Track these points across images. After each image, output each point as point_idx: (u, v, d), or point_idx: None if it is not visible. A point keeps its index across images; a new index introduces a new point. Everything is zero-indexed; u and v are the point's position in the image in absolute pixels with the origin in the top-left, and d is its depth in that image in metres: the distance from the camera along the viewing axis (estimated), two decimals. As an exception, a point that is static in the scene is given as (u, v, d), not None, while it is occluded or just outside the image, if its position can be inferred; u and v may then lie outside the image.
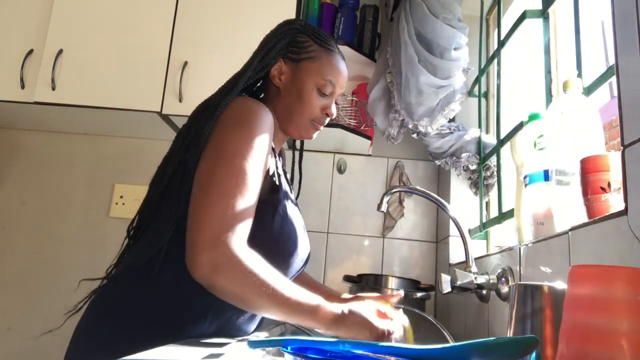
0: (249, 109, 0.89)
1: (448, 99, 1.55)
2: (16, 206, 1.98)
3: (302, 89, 0.98)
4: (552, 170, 0.93)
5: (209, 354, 0.64)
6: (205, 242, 0.76)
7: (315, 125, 1.02)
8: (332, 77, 1.00)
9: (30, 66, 1.69)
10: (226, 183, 0.80)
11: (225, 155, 0.83)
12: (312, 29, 1.03)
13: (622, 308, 0.44)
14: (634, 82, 0.64)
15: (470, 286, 1.11)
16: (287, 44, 1.00)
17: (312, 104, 0.99)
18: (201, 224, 0.77)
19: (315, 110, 1.00)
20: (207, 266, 0.75)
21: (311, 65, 0.99)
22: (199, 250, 0.76)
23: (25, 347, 1.82)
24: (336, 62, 1.02)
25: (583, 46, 1.05)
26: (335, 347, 0.51)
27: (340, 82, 1.02)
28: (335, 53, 1.03)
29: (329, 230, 1.95)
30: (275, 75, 1.00)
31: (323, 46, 1.01)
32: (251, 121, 0.87)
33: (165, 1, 1.74)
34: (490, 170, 1.57)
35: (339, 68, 1.02)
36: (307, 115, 1.00)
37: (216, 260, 0.75)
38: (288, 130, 1.02)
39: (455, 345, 0.48)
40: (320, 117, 1.02)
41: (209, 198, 0.79)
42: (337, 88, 1.02)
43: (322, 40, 1.02)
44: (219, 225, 0.77)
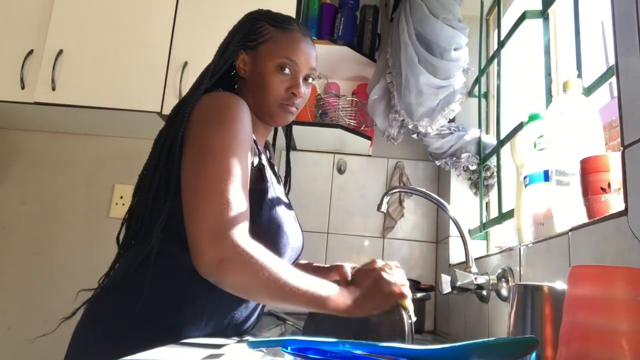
0: (224, 103, 0.88)
1: (448, 99, 1.55)
2: (16, 206, 1.98)
3: (262, 72, 0.97)
4: (552, 171, 0.93)
5: (208, 355, 0.64)
6: (208, 238, 0.76)
7: (285, 108, 0.98)
8: (290, 54, 0.97)
9: (30, 66, 1.69)
10: (216, 179, 0.80)
11: (209, 152, 0.83)
12: (269, 14, 1.02)
13: (622, 308, 0.44)
14: (634, 83, 0.64)
15: (470, 286, 1.11)
16: (245, 33, 0.99)
17: (275, 86, 0.96)
18: (200, 222, 0.77)
19: (280, 91, 0.97)
20: (213, 261, 0.75)
21: (267, 47, 0.97)
22: (203, 247, 0.76)
23: (24, 348, 1.82)
24: (294, 39, 0.98)
25: (583, 46, 1.05)
26: (335, 347, 0.51)
27: (301, 58, 0.98)
28: (293, 30, 1.00)
29: (329, 231, 1.95)
30: (241, 67, 0.99)
31: (279, 27, 0.99)
32: (229, 115, 0.87)
33: (166, 1, 1.74)
34: (490, 170, 1.57)
35: (298, 44, 0.98)
36: (273, 99, 0.97)
37: (222, 255, 0.75)
38: (262, 118, 1.01)
39: (455, 345, 0.47)
40: (288, 98, 0.98)
41: (203, 196, 0.79)
42: (300, 65, 0.98)
43: (277, 21, 1.00)
44: (218, 221, 0.77)
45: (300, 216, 1.92)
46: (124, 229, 0.96)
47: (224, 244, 0.75)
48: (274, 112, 0.99)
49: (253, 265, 0.76)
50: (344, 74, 2.04)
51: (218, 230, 0.76)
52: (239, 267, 0.75)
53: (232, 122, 0.86)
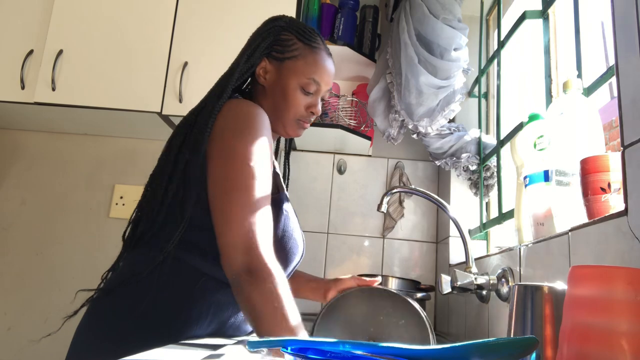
0: (248, 111, 0.89)
1: (448, 99, 1.55)
2: (16, 206, 1.98)
3: (286, 88, 0.98)
4: (552, 171, 0.93)
5: (208, 355, 0.64)
6: (239, 244, 0.78)
7: (301, 124, 1.02)
8: (316, 76, 0.99)
9: (31, 67, 1.69)
10: (243, 185, 0.82)
11: (237, 158, 0.84)
12: (296, 26, 1.02)
13: (622, 309, 0.44)
14: (634, 83, 0.64)
15: (470, 287, 1.11)
16: (271, 42, 1.00)
17: (296, 103, 0.99)
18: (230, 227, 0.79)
19: (300, 109, 1.00)
20: (242, 268, 0.77)
21: (295, 64, 0.99)
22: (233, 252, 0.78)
23: (25, 348, 1.82)
24: (320, 60, 1.01)
25: (583, 47, 1.05)
26: (336, 347, 0.51)
27: (325, 79, 1.01)
28: (320, 50, 1.02)
29: (329, 231, 1.95)
30: (261, 75, 1.00)
31: (307, 44, 1.00)
32: (254, 123, 0.88)
33: (166, 2, 1.74)
34: (490, 170, 1.57)
35: (324, 65, 1.01)
36: (292, 114, 1.00)
37: (251, 268, 0.77)
38: (275, 128, 1.02)
39: (455, 345, 0.47)
40: (306, 116, 1.01)
41: (231, 201, 0.81)
42: (323, 85, 1.01)
43: (306, 37, 1.01)
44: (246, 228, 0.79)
45: (301, 216, 1.93)
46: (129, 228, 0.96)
47: (254, 255, 0.78)
48: (289, 126, 1.01)
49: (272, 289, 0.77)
50: (344, 74, 2.04)
51: (248, 240, 0.78)
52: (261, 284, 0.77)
53: (256, 130, 0.87)
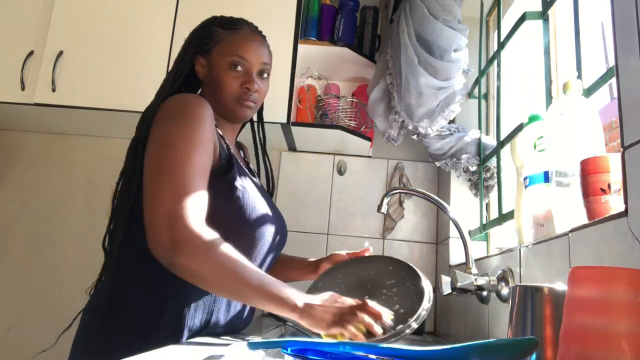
0: (181, 101, 0.92)
1: (448, 100, 1.55)
2: (16, 207, 1.98)
3: (217, 73, 1.01)
4: (552, 172, 0.93)
5: (209, 356, 0.64)
6: (163, 221, 0.78)
7: (242, 103, 1.02)
8: (239, 52, 1.01)
9: (31, 67, 1.69)
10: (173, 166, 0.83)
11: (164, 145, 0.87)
12: (219, 19, 1.07)
13: (622, 309, 0.44)
14: (634, 84, 0.64)
15: (471, 287, 1.11)
16: (199, 39, 1.04)
17: (228, 83, 1.00)
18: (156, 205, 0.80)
19: (234, 88, 1.01)
20: (166, 243, 0.77)
21: (219, 48, 1.02)
22: (158, 229, 0.79)
23: (25, 349, 1.82)
24: (242, 36, 1.03)
25: (583, 47, 1.05)
26: (336, 348, 0.51)
27: (251, 52, 1.02)
28: (241, 29, 1.04)
29: (329, 232, 1.95)
30: (199, 71, 1.04)
31: (227, 28, 1.04)
32: (185, 110, 0.90)
33: (166, 3, 1.74)
34: (490, 171, 1.57)
35: (246, 41, 1.03)
36: (228, 95, 1.01)
37: (174, 237, 0.77)
38: (224, 116, 1.04)
39: (455, 346, 0.47)
40: (243, 93, 1.01)
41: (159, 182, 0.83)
42: (251, 59, 1.02)
43: (226, 23, 1.05)
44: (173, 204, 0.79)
45: (301, 217, 1.93)
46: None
47: (178, 227, 0.78)
48: (232, 108, 1.02)
49: (205, 250, 0.77)
50: (344, 75, 2.04)
51: (173, 214, 0.79)
52: (191, 251, 0.77)
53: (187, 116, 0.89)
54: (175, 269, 0.79)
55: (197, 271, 0.78)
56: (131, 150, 0.96)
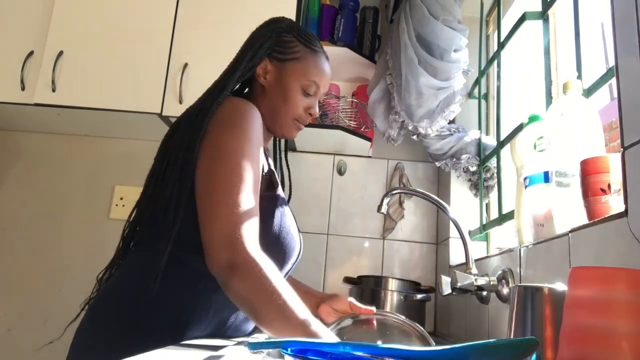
0: (240, 109, 0.90)
1: (448, 100, 1.55)
2: (16, 207, 1.98)
3: (287, 89, 1.00)
4: (552, 172, 0.93)
5: (209, 356, 0.64)
6: (222, 242, 0.78)
7: (298, 125, 1.04)
8: (316, 78, 1.02)
9: (31, 68, 1.69)
10: (230, 183, 0.82)
11: (223, 155, 0.84)
12: (297, 29, 1.05)
13: (622, 310, 0.44)
14: (633, 84, 0.64)
15: (471, 288, 1.11)
16: (273, 43, 1.01)
17: (296, 104, 1.01)
18: (215, 225, 0.79)
19: (299, 110, 1.02)
20: (224, 264, 0.77)
21: (296, 66, 1.01)
22: (217, 249, 0.78)
23: (25, 349, 1.82)
24: (321, 63, 1.04)
25: (583, 48, 1.05)
26: (336, 348, 0.51)
27: (323, 82, 1.04)
28: (320, 54, 1.05)
29: (329, 232, 1.95)
30: (261, 74, 1.01)
31: (308, 47, 1.03)
32: (244, 120, 0.88)
33: (166, 3, 1.74)
34: (490, 171, 1.57)
35: (323, 69, 1.04)
36: (291, 115, 1.01)
37: (234, 260, 0.77)
38: (272, 128, 1.04)
39: (455, 346, 0.47)
40: (304, 117, 1.03)
41: (217, 199, 0.81)
42: (322, 88, 1.04)
43: (307, 40, 1.04)
44: (231, 225, 0.78)
45: (301, 217, 1.93)
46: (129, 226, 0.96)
47: (236, 250, 0.77)
48: (286, 127, 1.02)
49: (260, 279, 0.76)
50: (344, 75, 2.04)
51: (231, 235, 0.78)
52: (246, 274, 0.76)
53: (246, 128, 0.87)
54: (228, 291, 0.79)
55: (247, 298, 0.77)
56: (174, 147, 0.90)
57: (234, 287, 0.77)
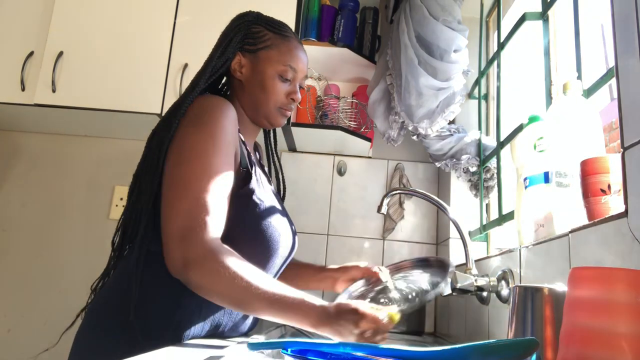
0: (207, 105, 0.90)
1: (448, 101, 1.55)
2: (16, 208, 1.98)
3: (264, 78, 0.99)
4: (552, 173, 0.93)
5: (209, 356, 0.64)
6: (176, 238, 0.78)
7: (282, 112, 1.02)
8: (291, 62, 1.00)
9: (31, 68, 1.69)
10: (191, 179, 0.82)
11: (187, 153, 0.84)
12: (265, 19, 1.04)
13: (622, 310, 0.44)
14: (633, 84, 0.64)
15: (471, 288, 1.11)
16: (242, 36, 1.01)
17: (275, 91, 1.00)
18: (171, 222, 0.79)
19: (280, 97, 1.00)
20: (179, 261, 0.77)
21: (269, 53, 1.00)
22: (170, 246, 0.78)
23: (25, 350, 1.82)
24: (293, 47, 1.02)
25: (583, 48, 1.05)
26: (336, 349, 0.51)
27: (300, 66, 1.02)
28: (291, 38, 1.03)
29: (329, 232, 1.95)
30: (236, 69, 1.01)
31: (278, 33, 1.02)
32: (210, 116, 0.88)
33: (166, 4, 1.74)
34: (490, 172, 1.57)
35: (297, 52, 1.03)
36: (273, 104, 1.00)
37: (187, 255, 0.76)
38: (257, 120, 1.03)
39: (455, 347, 0.47)
40: (287, 103, 1.02)
41: (176, 196, 0.81)
42: (299, 72, 1.02)
43: (276, 27, 1.03)
44: (186, 220, 0.78)
45: (301, 218, 1.93)
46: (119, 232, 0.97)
47: (191, 245, 0.77)
48: (272, 116, 1.02)
49: (217, 267, 0.76)
50: (344, 75, 2.04)
51: (186, 231, 0.77)
52: (203, 268, 0.76)
53: (214, 124, 0.87)
54: (190, 287, 0.79)
55: (210, 289, 0.77)
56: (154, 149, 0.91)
57: (194, 281, 0.77)
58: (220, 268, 0.76)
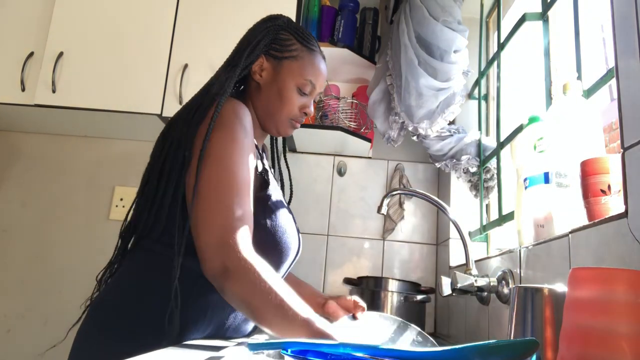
0: (231, 111, 0.89)
1: (448, 101, 1.55)
2: (16, 209, 1.98)
3: (283, 87, 0.99)
4: (552, 173, 0.93)
5: (209, 357, 0.64)
6: (215, 246, 0.78)
7: (293, 124, 1.03)
8: (312, 78, 1.01)
9: (31, 69, 1.69)
10: (220, 188, 0.82)
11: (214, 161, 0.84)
12: (295, 27, 1.04)
13: (622, 310, 0.44)
14: (633, 85, 0.64)
15: (471, 289, 1.11)
16: (270, 40, 1.00)
17: (292, 103, 1.00)
18: (208, 230, 0.79)
19: (294, 109, 1.01)
20: (219, 270, 0.77)
21: (293, 64, 1.00)
22: (210, 255, 0.78)
23: (24, 350, 1.82)
24: (317, 63, 1.03)
25: (583, 49, 1.05)
26: (336, 349, 0.51)
27: (319, 82, 1.03)
28: (317, 53, 1.04)
29: (329, 233, 1.95)
30: (257, 71, 1.00)
31: (306, 45, 1.02)
32: (234, 123, 0.87)
33: (166, 4, 1.74)
34: (490, 172, 1.57)
35: (320, 68, 1.03)
36: (286, 114, 1.00)
37: (227, 265, 0.77)
38: (267, 126, 1.03)
39: (456, 347, 0.47)
40: (299, 116, 1.02)
41: (207, 205, 0.81)
42: (317, 88, 1.03)
43: (304, 39, 1.02)
44: (222, 230, 0.78)
45: (301, 218, 1.93)
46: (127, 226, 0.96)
47: (229, 254, 0.77)
48: (282, 125, 1.02)
49: (255, 281, 0.76)
50: (344, 76, 2.04)
51: (224, 241, 0.78)
52: (240, 278, 0.77)
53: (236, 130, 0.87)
54: (225, 295, 0.79)
55: (243, 300, 0.78)
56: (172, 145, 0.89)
57: (230, 290, 0.78)
58: (257, 281, 0.76)
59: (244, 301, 0.78)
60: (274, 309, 0.76)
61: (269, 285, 0.76)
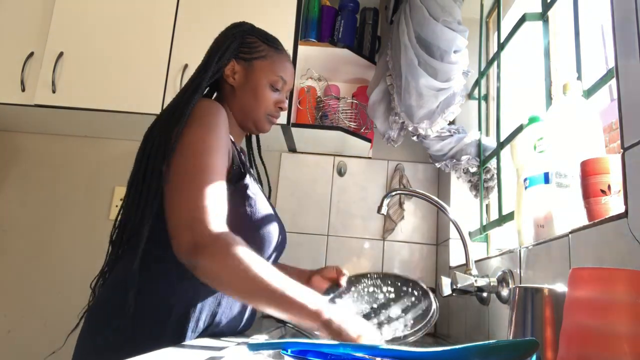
0: (207, 107, 0.93)
1: (448, 101, 1.55)
2: (16, 209, 1.98)
3: (256, 86, 1.05)
4: (552, 173, 0.93)
5: (209, 357, 0.64)
6: (185, 223, 0.80)
7: (270, 119, 1.09)
8: (282, 74, 1.07)
9: (31, 69, 1.69)
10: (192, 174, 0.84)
11: (187, 152, 0.87)
12: (259, 31, 1.11)
13: (623, 311, 0.44)
14: (633, 85, 0.64)
15: (471, 289, 1.11)
16: (238, 44, 1.06)
17: (266, 99, 1.06)
18: (178, 209, 0.81)
19: (270, 105, 1.07)
20: (189, 246, 0.78)
21: (263, 63, 1.06)
22: (180, 232, 0.80)
23: (25, 350, 1.82)
24: (285, 60, 1.10)
25: (583, 49, 1.05)
26: (336, 349, 0.51)
27: (289, 78, 1.10)
28: (283, 52, 1.11)
29: (329, 233, 1.95)
30: (229, 75, 1.05)
31: (272, 46, 1.09)
32: (207, 119, 0.91)
33: (166, 4, 1.74)
34: (490, 172, 1.57)
35: (288, 65, 1.10)
36: (263, 111, 1.06)
37: (197, 240, 0.78)
38: (245, 125, 1.08)
39: (455, 347, 0.47)
40: (275, 111, 1.08)
41: (182, 187, 0.84)
42: (288, 84, 1.10)
43: (270, 40, 1.10)
44: (192, 208, 0.80)
45: (301, 218, 1.93)
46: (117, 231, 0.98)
47: (200, 230, 0.79)
48: (260, 122, 1.07)
49: (226, 252, 0.77)
50: (344, 76, 2.04)
51: (195, 216, 0.80)
52: (213, 253, 0.77)
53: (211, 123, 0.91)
54: (197, 272, 0.80)
55: (217, 274, 0.78)
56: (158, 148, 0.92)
57: (202, 265, 0.78)
58: (229, 253, 0.77)
59: (216, 275, 0.78)
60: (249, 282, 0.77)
61: (241, 258, 0.77)
